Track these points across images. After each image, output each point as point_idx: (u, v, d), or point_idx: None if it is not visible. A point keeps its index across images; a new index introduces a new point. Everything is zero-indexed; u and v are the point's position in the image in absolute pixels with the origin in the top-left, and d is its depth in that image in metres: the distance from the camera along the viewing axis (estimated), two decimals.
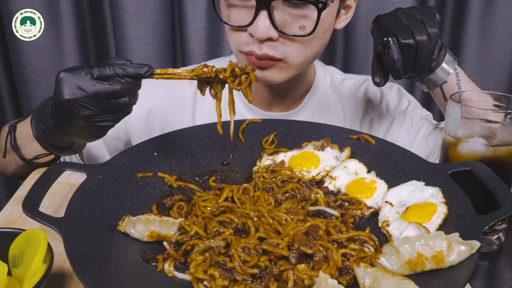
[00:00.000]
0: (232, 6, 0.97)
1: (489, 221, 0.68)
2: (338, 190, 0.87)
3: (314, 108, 1.19)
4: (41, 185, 0.73)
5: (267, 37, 0.93)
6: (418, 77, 0.98)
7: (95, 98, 0.74)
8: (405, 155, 0.89)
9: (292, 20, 0.93)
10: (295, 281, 0.65)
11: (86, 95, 0.73)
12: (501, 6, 1.69)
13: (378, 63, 0.97)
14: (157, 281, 0.67)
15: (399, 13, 0.93)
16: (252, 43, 0.96)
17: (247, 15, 0.94)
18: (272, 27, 0.92)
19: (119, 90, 0.74)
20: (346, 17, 1.07)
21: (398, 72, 0.92)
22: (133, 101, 0.78)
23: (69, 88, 0.74)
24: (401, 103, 1.22)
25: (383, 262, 0.66)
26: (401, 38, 0.89)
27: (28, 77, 1.71)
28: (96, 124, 0.77)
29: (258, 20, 0.92)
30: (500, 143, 0.81)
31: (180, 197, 0.85)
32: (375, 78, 0.97)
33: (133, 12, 1.67)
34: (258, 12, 0.91)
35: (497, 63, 1.77)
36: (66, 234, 0.66)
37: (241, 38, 0.98)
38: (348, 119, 1.21)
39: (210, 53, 1.75)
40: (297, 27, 0.94)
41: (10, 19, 1.60)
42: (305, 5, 0.92)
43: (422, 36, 0.89)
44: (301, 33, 0.94)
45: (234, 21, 0.97)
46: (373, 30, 0.96)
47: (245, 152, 0.98)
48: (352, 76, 1.27)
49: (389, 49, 0.90)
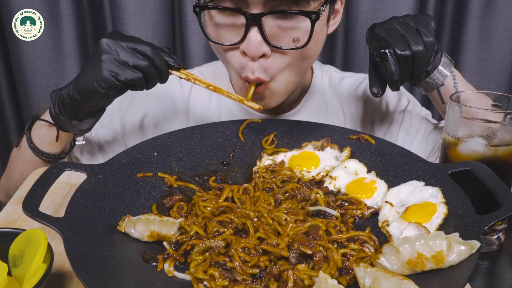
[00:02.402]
0: (220, 24, 0.93)
1: (489, 221, 0.68)
2: (338, 190, 0.87)
3: (313, 109, 1.18)
4: (41, 185, 0.73)
5: (261, 54, 0.90)
6: (415, 85, 0.97)
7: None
8: (405, 155, 0.89)
9: (283, 33, 0.90)
10: (295, 281, 0.65)
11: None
12: (501, 6, 1.69)
13: (375, 73, 0.96)
14: (157, 281, 0.67)
15: (394, 22, 0.91)
16: (246, 65, 0.92)
17: (237, 33, 0.91)
18: (264, 42, 0.89)
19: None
20: (335, 21, 1.04)
21: (396, 84, 0.91)
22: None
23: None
24: (401, 102, 1.21)
25: (383, 262, 0.66)
26: (398, 49, 0.88)
27: (28, 77, 1.71)
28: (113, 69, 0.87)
29: (250, 37, 0.88)
30: (500, 143, 0.81)
31: (180, 197, 0.85)
32: (373, 89, 0.96)
33: (133, 12, 1.66)
34: (249, 28, 0.88)
35: (497, 63, 1.76)
36: (66, 234, 0.66)
37: (236, 59, 0.94)
38: (347, 118, 1.21)
39: (210, 53, 1.74)
40: (289, 40, 0.91)
41: (10, 19, 1.60)
42: (295, 16, 0.89)
43: (418, 46, 0.88)
44: (295, 45, 0.91)
45: (224, 40, 0.93)
46: (369, 41, 0.95)
47: (245, 152, 0.98)
48: (351, 74, 1.26)
49: (386, 61, 0.88)
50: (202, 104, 1.19)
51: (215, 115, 1.18)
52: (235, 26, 0.91)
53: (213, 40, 0.95)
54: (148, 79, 0.90)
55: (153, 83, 0.92)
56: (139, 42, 0.90)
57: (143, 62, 0.88)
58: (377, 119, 1.21)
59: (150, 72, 0.89)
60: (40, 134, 1.03)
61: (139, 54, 0.89)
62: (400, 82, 0.91)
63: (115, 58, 0.87)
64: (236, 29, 0.91)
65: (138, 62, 0.88)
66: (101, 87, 0.88)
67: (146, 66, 0.88)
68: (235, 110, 1.17)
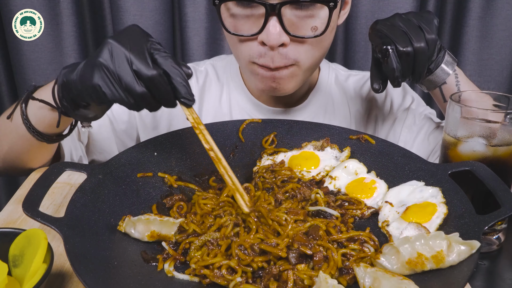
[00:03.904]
0: (237, 16, 0.95)
1: (489, 221, 0.68)
2: (338, 190, 0.87)
3: (319, 105, 1.20)
4: (41, 185, 0.73)
5: (280, 43, 0.92)
6: (416, 82, 0.97)
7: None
8: (405, 155, 0.89)
9: (302, 22, 0.93)
10: (295, 281, 0.65)
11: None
12: (501, 6, 1.69)
13: (376, 70, 0.97)
14: (157, 281, 0.67)
15: (397, 19, 0.92)
16: (264, 54, 0.95)
17: (255, 24, 0.93)
18: (284, 32, 0.92)
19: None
20: (345, 12, 1.08)
21: (397, 81, 0.91)
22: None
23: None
24: (405, 100, 1.22)
25: (383, 262, 0.66)
26: (399, 46, 0.88)
27: (28, 77, 1.70)
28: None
29: (269, 27, 0.91)
30: (500, 143, 0.81)
31: (180, 197, 0.85)
32: (374, 84, 0.97)
33: (133, 12, 1.66)
34: (268, 18, 0.90)
35: (497, 63, 1.77)
36: (66, 234, 0.66)
37: (252, 49, 0.96)
38: (353, 115, 1.23)
39: (210, 53, 1.75)
40: (307, 28, 0.94)
41: (10, 19, 1.60)
42: (312, 5, 0.91)
43: (420, 43, 0.89)
44: (313, 34, 0.94)
45: (242, 31, 0.95)
46: (372, 37, 0.96)
47: (245, 152, 0.98)
48: (357, 72, 1.28)
49: (388, 57, 0.89)
50: (213, 99, 1.21)
51: (227, 109, 1.20)
52: (254, 17, 0.93)
53: (232, 32, 0.96)
54: (141, 106, 0.74)
55: (152, 109, 0.75)
56: (145, 63, 0.70)
57: (138, 88, 0.70)
58: (381, 116, 1.23)
59: (143, 101, 0.72)
60: (38, 113, 0.89)
61: (140, 76, 0.71)
62: (401, 79, 0.92)
63: (109, 67, 0.70)
64: (254, 19, 0.93)
65: (131, 86, 0.70)
66: (91, 97, 0.74)
67: (139, 95, 0.71)
68: (246, 105, 1.19)
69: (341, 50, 1.78)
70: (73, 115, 0.84)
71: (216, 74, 1.23)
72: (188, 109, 0.76)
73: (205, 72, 1.24)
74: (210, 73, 1.23)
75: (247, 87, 1.18)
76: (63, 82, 0.79)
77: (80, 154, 1.10)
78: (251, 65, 1.00)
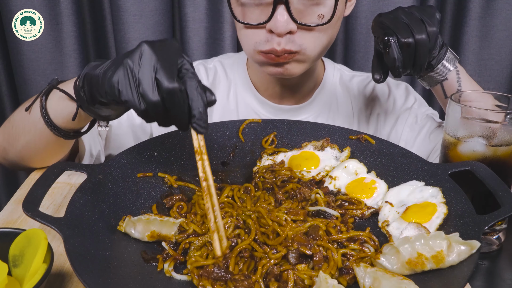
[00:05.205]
0: (246, 4, 0.98)
1: (489, 221, 0.68)
2: (338, 190, 0.87)
3: (323, 102, 1.23)
4: (41, 185, 0.73)
5: (288, 31, 0.95)
6: (417, 75, 0.99)
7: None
8: (405, 155, 0.89)
9: (308, 10, 0.96)
10: (295, 281, 0.65)
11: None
12: (501, 6, 1.69)
13: (378, 61, 0.99)
14: (157, 281, 0.67)
15: (400, 12, 0.94)
16: (271, 40, 0.98)
17: (263, 12, 0.96)
18: (291, 20, 0.95)
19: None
20: (351, 3, 1.11)
21: (398, 71, 0.93)
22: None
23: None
24: (408, 100, 1.24)
25: (383, 262, 0.66)
26: (401, 37, 0.90)
27: (28, 77, 1.70)
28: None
29: (277, 16, 0.94)
30: (500, 143, 0.81)
31: (180, 197, 0.85)
32: (375, 75, 0.99)
33: (133, 12, 1.66)
34: (276, 7, 0.94)
35: (497, 63, 1.77)
36: (66, 234, 0.65)
37: (259, 36, 0.99)
38: (356, 114, 1.25)
39: (210, 53, 1.75)
40: (314, 16, 0.97)
41: (10, 19, 1.60)
42: None
43: (421, 34, 0.90)
44: (319, 22, 0.97)
45: (250, 19, 0.99)
46: (374, 29, 0.98)
47: (245, 152, 0.98)
48: (361, 73, 1.30)
49: (389, 48, 0.91)
50: (221, 96, 1.23)
51: (234, 106, 1.22)
52: (262, 5, 0.97)
53: (241, 21, 1.00)
54: (151, 116, 0.71)
55: (161, 123, 0.73)
56: (169, 74, 0.67)
57: (153, 96, 0.67)
58: (384, 115, 1.25)
59: (155, 111, 0.69)
60: (57, 105, 0.88)
61: (160, 85, 0.68)
62: (402, 70, 0.93)
63: (133, 69, 0.68)
64: (263, 8, 0.97)
65: (147, 92, 0.67)
66: (106, 92, 0.72)
67: (152, 103, 0.68)
68: (253, 102, 1.21)
69: (341, 50, 1.78)
70: (87, 109, 0.82)
71: (225, 71, 1.26)
72: (197, 134, 0.72)
73: (214, 69, 1.26)
74: (219, 70, 1.26)
75: (253, 84, 1.21)
76: (86, 73, 0.78)
77: (99, 148, 1.09)
78: (257, 54, 1.02)
